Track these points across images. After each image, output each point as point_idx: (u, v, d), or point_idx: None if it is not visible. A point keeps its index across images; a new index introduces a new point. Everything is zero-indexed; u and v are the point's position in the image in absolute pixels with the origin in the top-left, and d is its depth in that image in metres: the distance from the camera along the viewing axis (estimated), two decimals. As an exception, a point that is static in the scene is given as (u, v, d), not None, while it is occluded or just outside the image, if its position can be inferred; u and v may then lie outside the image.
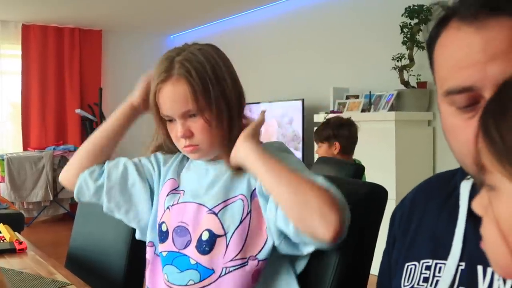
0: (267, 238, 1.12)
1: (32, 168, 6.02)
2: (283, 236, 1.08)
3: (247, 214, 1.12)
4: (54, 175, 6.12)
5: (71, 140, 6.70)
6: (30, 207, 6.10)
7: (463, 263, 0.74)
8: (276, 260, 1.14)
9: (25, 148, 6.54)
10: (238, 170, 1.16)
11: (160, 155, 1.31)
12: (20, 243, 1.68)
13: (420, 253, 0.81)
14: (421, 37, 4.04)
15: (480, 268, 0.71)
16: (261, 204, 1.12)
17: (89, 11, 6.07)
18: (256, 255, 1.12)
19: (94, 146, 1.33)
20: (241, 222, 1.12)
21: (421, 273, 0.79)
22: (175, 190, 1.24)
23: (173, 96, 1.14)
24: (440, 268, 0.77)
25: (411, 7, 3.97)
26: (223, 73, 1.17)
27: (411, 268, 0.81)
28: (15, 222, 3.54)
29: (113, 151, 1.35)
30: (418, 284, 0.79)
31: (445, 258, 0.76)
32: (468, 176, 0.79)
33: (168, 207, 1.21)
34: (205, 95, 1.14)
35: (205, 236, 1.13)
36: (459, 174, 0.82)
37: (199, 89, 1.13)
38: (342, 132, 2.93)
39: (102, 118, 6.66)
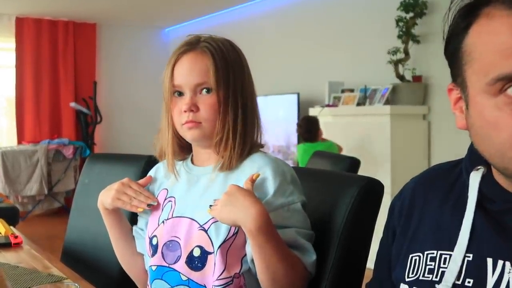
0: (245, 253, 1.11)
1: (26, 162, 5.99)
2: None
3: (233, 234, 1.10)
4: (48, 169, 6.10)
5: (66, 134, 6.68)
6: (25, 201, 6.08)
7: (470, 255, 0.73)
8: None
9: (19, 142, 6.51)
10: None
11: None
12: (16, 237, 1.67)
13: (424, 244, 0.81)
14: (416, 31, 4.05)
15: (490, 261, 0.70)
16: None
17: (83, 4, 6.04)
18: (240, 271, 1.11)
19: (122, 251, 1.33)
20: (224, 241, 1.10)
21: (426, 265, 0.78)
22: (167, 199, 1.23)
23: (193, 65, 1.15)
24: (445, 259, 0.76)
25: (407, 1, 3.97)
26: (243, 66, 1.20)
27: (415, 260, 0.80)
28: (10, 216, 3.52)
29: (131, 238, 1.33)
30: (423, 276, 0.78)
31: (450, 249, 0.75)
32: (478, 167, 0.77)
33: (163, 221, 1.19)
34: (225, 75, 1.15)
35: (197, 253, 1.12)
36: (464, 165, 0.81)
37: (221, 67, 1.14)
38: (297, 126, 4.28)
39: (96, 111, 6.64)
